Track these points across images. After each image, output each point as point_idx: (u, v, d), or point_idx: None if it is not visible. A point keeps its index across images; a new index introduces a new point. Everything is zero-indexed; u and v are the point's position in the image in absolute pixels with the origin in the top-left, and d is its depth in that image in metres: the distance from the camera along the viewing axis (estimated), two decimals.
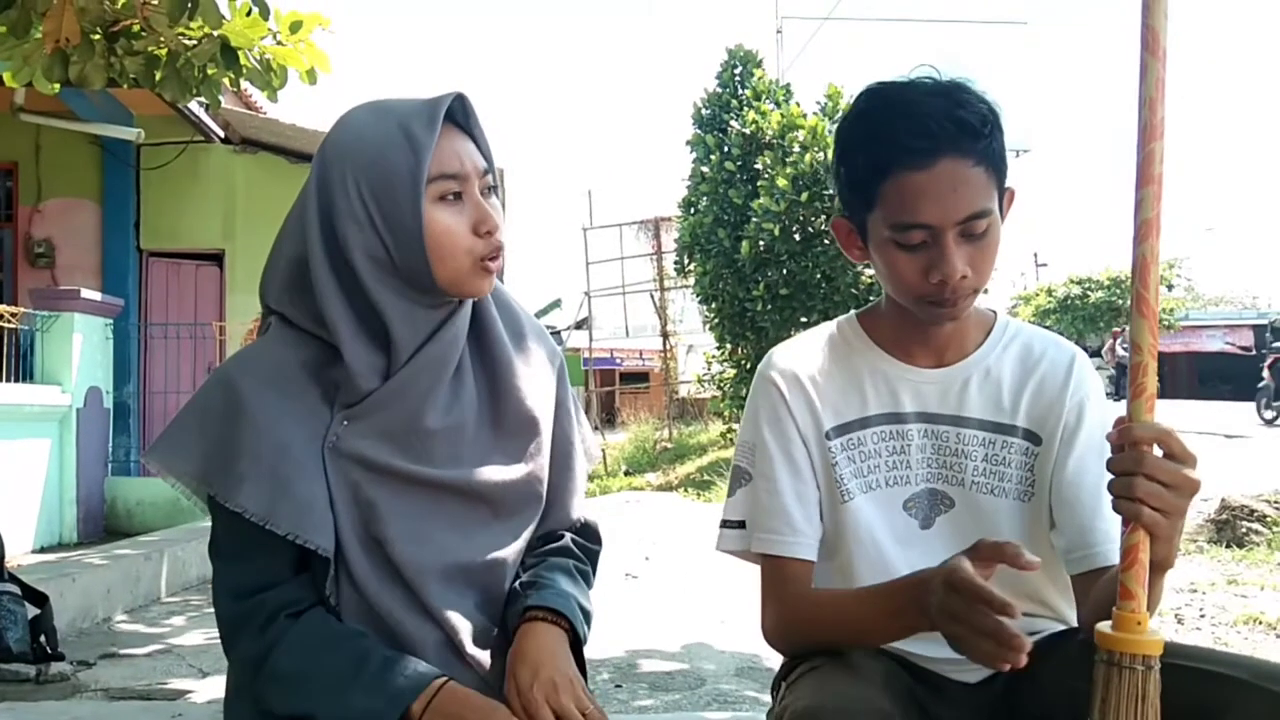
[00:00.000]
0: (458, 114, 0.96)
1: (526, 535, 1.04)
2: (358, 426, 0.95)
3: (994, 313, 1.16)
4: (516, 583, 1.03)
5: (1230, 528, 4.88)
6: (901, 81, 1.04)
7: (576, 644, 1.00)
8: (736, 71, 11.60)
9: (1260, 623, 3.50)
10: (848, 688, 0.93)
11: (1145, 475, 0.81)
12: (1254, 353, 24.80)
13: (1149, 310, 0.82)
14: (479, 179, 0.96)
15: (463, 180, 0.94)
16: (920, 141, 0.97)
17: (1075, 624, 1.09)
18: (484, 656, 0.99)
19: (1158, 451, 0.83)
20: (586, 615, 1.02)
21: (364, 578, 0.94)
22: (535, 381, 1.05)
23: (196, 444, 0.95)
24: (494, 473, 1.00)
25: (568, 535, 1.08)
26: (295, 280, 0.96)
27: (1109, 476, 1.06)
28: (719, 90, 11.55)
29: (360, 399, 0.95)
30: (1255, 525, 4.84)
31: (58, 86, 3.01)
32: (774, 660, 1.15)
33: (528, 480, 1.03)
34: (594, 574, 1.10)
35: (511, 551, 1.02)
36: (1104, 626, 0.82)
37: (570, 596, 1.00)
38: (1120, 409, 0.87)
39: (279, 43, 2.97)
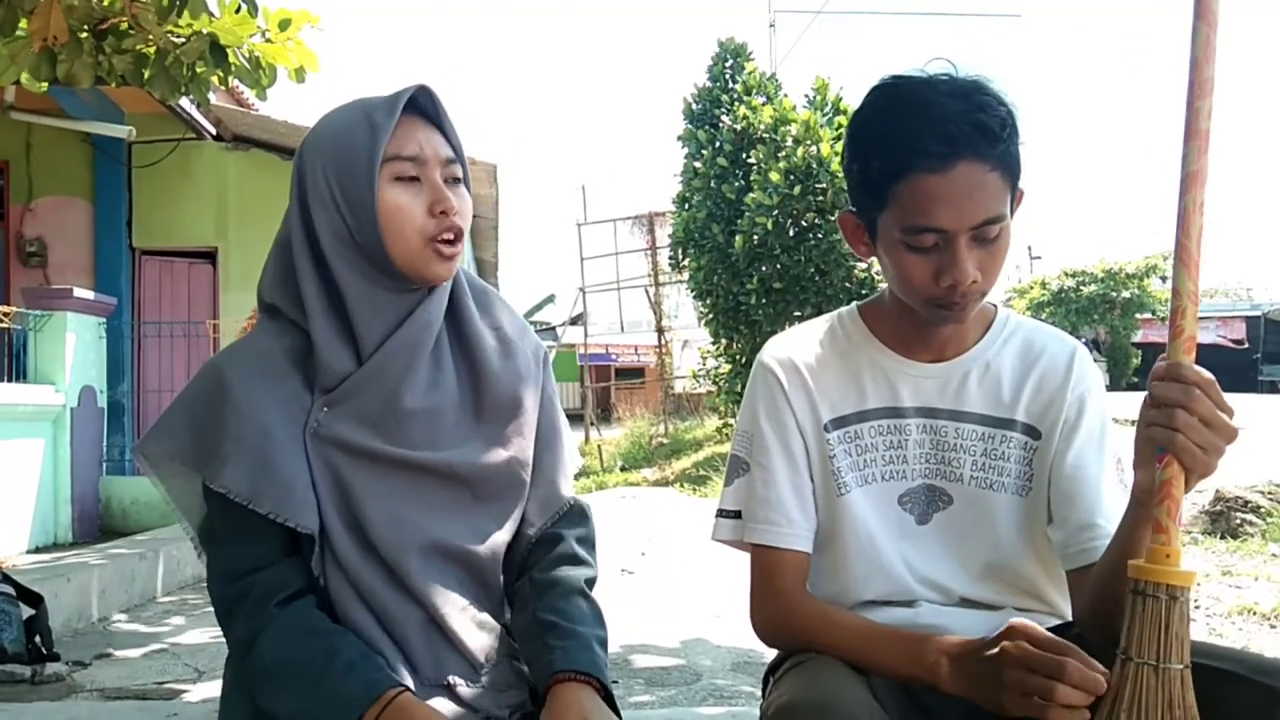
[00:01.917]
0: (425, 106, 1.00)
1: (512, 522, 1.05)
2: (337, 411, 0.98)
3: (994, 306, 1.15)
4: (535, 613, 1.01)
5: (1224, 519, 4.90)
6: (919, 79, 1.01)
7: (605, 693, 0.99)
8: (727, 65, 11.58)
9: (1254, 613, 3.51)
10: (832, 683, 0.93)
11: (1187, 408, 0.82)
12: (1245, 345, 24.88)
13: (1190, 259, 0.85)
14: (441, 166, 0.99)
15: (420, 164, 0.98)
16: (939, 145, 0.95)
17: (1070, 618, 1.09)
18: (469, 634, 1.00)
19: None
20: (604, 644, 1.02)
21: (346, 558, 0.97)
22: (517, 370, 1.07)
23: (183, 429, 0.99)
24: (472, 455, 1.02)
25: (570, 538, 1.07)
26: (283, 263, 1.01)
27: (1108, 470, 1.08)
28: (709, 85, 11.53)
29: (336, 384, 0.98)
30: (1249, 516, 4.85)
31: (45, 85, 2.99)
32: (769, 655, 1.15)
33: (508, 464, 1.04)
34: (595, 560, 1.10)
35: (497, 537, 1.03)
36: (1137, 560, 0.84)
37: (594, 650, 0.99)
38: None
39: (268, 40, 2.95)
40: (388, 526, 0.97)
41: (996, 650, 0.88)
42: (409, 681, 0.95)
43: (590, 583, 1.06)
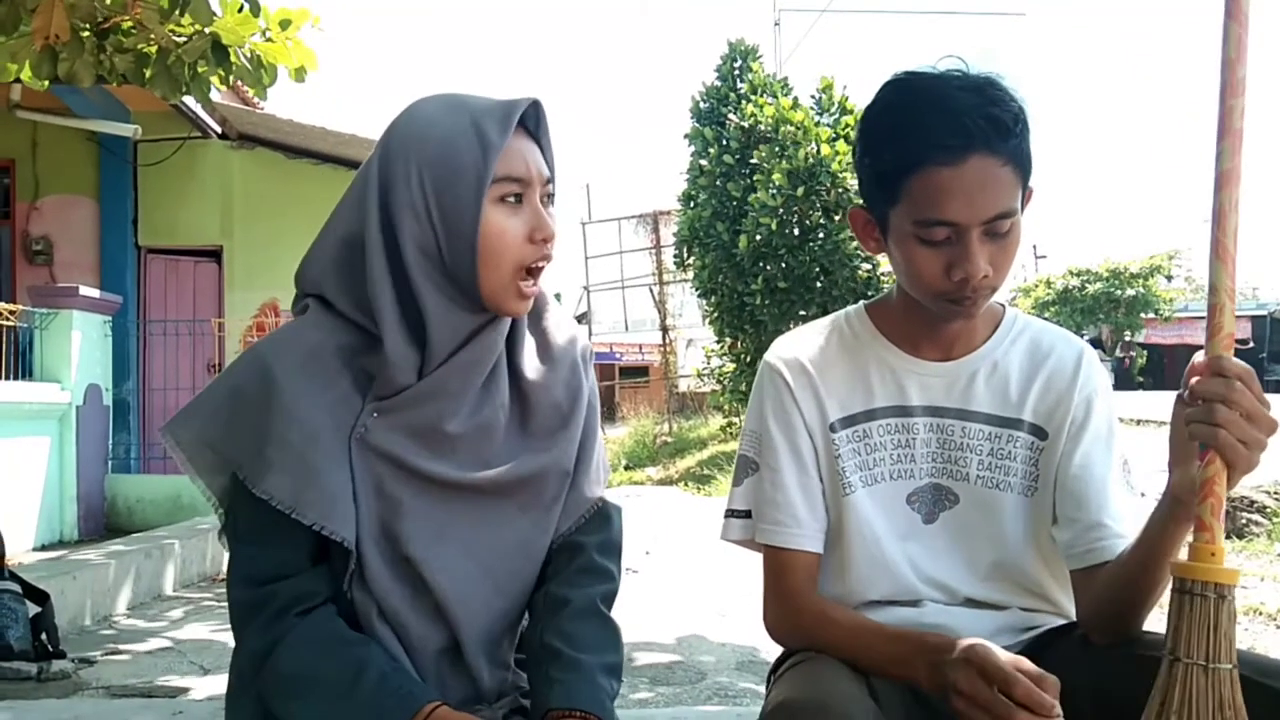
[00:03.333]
0: (529, 120, 0.95)
1: (553, 523, 1.03)
2: (387, 420, 0.94)
3: (1002, 306, 1.15)
4: (542, 636, 0.98)
5: (1230, 519, 4.88)
6: (931, 74, 1.01)
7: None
8: (735, 65, 11.57)
9: (1260, 614, 3.50)
10: (828, 683, 0.93)
11: (1229, 402, 0.82)
12: (1251, 345, 24.77)
13: (1227, 255, 0.84)
14: (541, 186, 0.95)
15: (525, 185, 0.93)
16: (953, 138, 0.95)
17: (1075, 618, 1.08)
18: (484, 669, 0.99)
19: None
20: (614, 670, 0.98)
21: (375, 574, 0.93)
22: (564, 378, 1.04)
23: (222, 420, 0.94)
24: (519, 468, 0.99)
25: (590, 546, 1.04)
26: (344, 260, 0.95)
27: (1115, 470, 1.07)
28: (717, 84, 11.53)
29: (393, 393, 0.94)
30: (1255, 516, 4.84)
31: (47, 84, 2.99)
32: (773, 653, 1.14)
33: (555, 473, 1.01)
34: (619, 566, 1.07)
35: (536, 545, 1.02)
36: (1181, 559, 0.84)
37: (597, 682, 0.95)
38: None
39: (269, 40, 2.95)
40: (427, 544, 0.94)
41: (952, 679, 0.88)
42: None
43: (608, 597, 1.03)
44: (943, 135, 0.95)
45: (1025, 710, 0.82)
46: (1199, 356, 0.86)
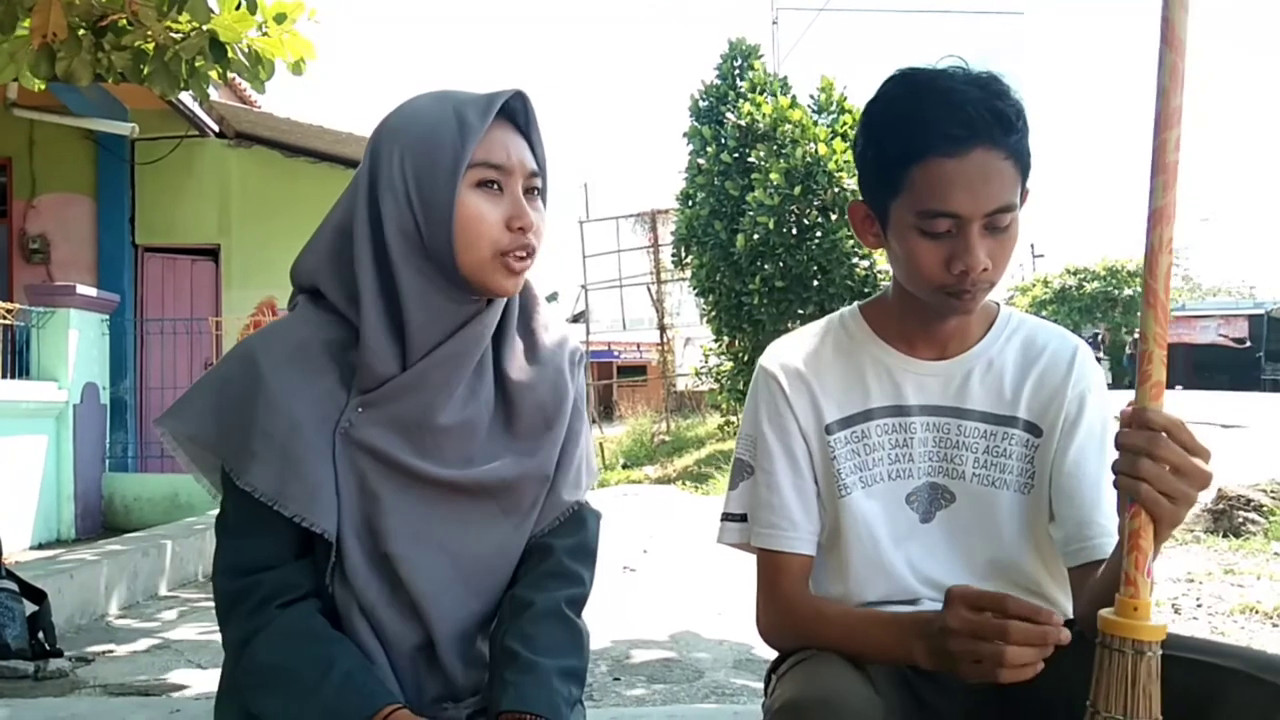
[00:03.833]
0: (517, 113, 0.97)
1: (530, 525, 1.03)
2: (371, 414, 0.94)
3: (997, 305, 1.16)
4: (503, 639, 0.98)
5: (1227, 517, 4.89)
6: (935, 69, 1.03)
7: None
8: (736, 64, 11.56)
9: (1257, 612, 3.51)
10: (834, 680, 0.93)
11: (1153, 455, 0.80)
12: (1248, 344, 24.81)
13: (1157, 301, 0.81)
14: (524, 177, 0.96)
15: (505, 173, 0.94)
16: (958, 129, 0.96)
17: (1071, 616, 1.09)
18: (458, 668, 0.98)
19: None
20: (573, 673, 0.97)
21: (354, 568, 0.94)
22: (551, 380, 1.04)
23: (210, 413, 0.95)
24: (503, 470, 0.99)
25: (560, 550, 1.03)
26: (336, 251, 0.96)
27: (1109, 468, 1.07)
28: (717, 82, 11.52)
29: (376, 386, 0.94)
30: (1252, 515, 4.85)
31: (44, 84, 2.99)
32: (770, 652, 1.15)
33: (537, 477, 1.01)
34: (590, 571, 1.06)
35: (514, 547, 1.02)
36: (1106, 612, 0.82)
37: (552, 685, 0.94)
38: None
39: (265, 34, 2.95)
40: (406, 541, 0.94)
41: (941, 625, 0.89)
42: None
43: (574, 601, 1.02)
44: (948, 125, 0.96)
45: (1022, 621, 0.83)
46: (1128, 405, 0.84)
